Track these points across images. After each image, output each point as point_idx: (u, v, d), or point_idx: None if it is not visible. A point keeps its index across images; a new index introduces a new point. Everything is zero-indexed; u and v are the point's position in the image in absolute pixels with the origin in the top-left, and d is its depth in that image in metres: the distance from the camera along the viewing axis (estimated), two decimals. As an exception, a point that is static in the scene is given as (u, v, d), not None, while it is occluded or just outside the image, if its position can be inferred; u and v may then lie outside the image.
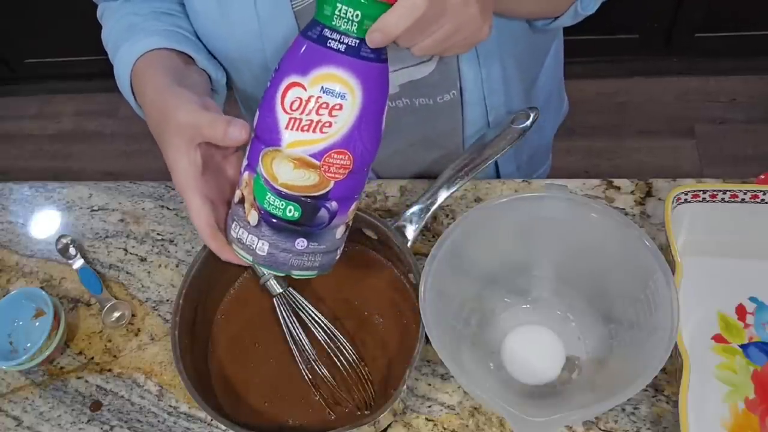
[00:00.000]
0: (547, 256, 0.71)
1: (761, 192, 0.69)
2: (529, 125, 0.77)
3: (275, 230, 0.55)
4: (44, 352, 0.77)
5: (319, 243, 0.57)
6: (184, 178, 0.58)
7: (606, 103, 1.97)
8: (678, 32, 1.84)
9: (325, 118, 0.51)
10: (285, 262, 0.57)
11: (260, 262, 0.57)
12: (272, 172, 0.54)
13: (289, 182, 0.53)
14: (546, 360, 0.69)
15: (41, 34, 2.11)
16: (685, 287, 0.64)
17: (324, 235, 0.57)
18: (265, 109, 0.53)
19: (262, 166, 0.54)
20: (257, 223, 0.56)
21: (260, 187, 0.55)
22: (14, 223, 0.94)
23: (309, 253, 0.57)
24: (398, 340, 0.72)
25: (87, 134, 2.25)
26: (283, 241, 0.56)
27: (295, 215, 0.55)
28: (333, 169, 0.53)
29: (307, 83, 0.51)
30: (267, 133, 0.53)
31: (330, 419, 0.69)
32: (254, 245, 0.56)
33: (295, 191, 0.54)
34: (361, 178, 0.57)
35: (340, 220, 0.57)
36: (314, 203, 0.54)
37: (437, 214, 0.82)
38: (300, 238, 0.56)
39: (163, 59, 0.68)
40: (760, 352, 0.69)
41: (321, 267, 0.60)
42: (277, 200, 0.54)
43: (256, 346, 0.74)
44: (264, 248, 0.56)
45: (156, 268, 0.86)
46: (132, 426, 0.75)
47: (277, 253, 0.56)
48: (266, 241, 0.56)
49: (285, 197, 0.54)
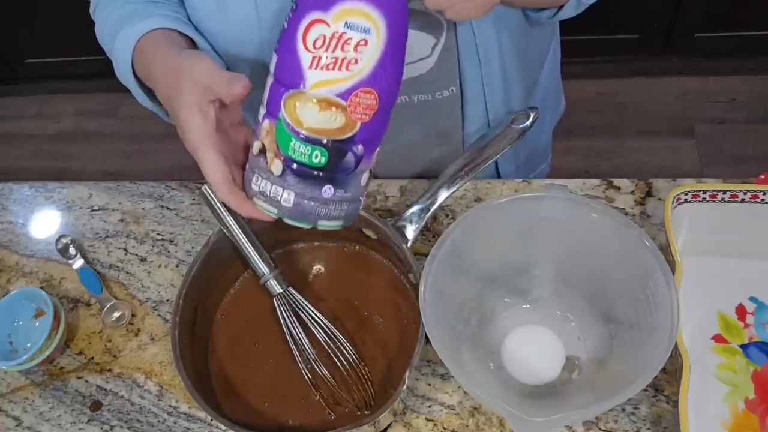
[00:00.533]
0: (547, 256, 0.71)
1: (761, 192, 0.69)
2: (529, 125, 0.77)
3: (301, 178, 0.53)
4: (44, 352, 0.77)
5: (346, 190, 0.55)
6: (198, 135, 0.57)
7: (606, 103, 1.98)
8: (678, 32, 1.84)
9: (351, 55, 0.49)
10: (312, 212, 0.55)
11: (286, 214, 0.55)
12: (296, 116, 0.51)
13: (314, 125, 0.51)
14: (546, 360, 0.69)
15: (41, 34, 2.11)
16: (685, 287, 0.64)
17: (350, 181, 0.55)
18: (284, 50, 0.51)
19: (285, 111, 0.52)
20: (281, 172, 0.53)
21: (284, 134, 0.52)
22: (14, 223, 0.94)
23: (336, 201, 0.55)
24: (398, 340, 0.72)
25: (87, 134, 2.25)
26: (309, 190, 0.54)
27: (321, 161, 0.52)
28: (360, 110, 0.51)
29: (330, 19, 0.49)
30: (288, 75, 0.51)
31: (330, 419, 0.69)
32: (279, 196, 0.54)
33: (322, 135, 0.52)
34: (385, 120, 0.55)
35: (366, 165, 0.56)
36: (341, 147, 0.52)
37: (437, 214, 0.82)
38: (327, 185, 0.54)
39: (168, 36, 0.67)
40: (760, 352, 0.69)
41: (347, 217, 0.57)
42: (302, 146, 0.52)
43: (256, 346, 0.74)
44: (290, 199, 0.54)
45: (156, 268, 0.86)
46: (132, 426, 0.75)
47: (303, 202, 0.54)
48: (292, 191, 0.54)
49: (311, 142, 0.52)
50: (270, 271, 0.70)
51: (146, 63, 0.66)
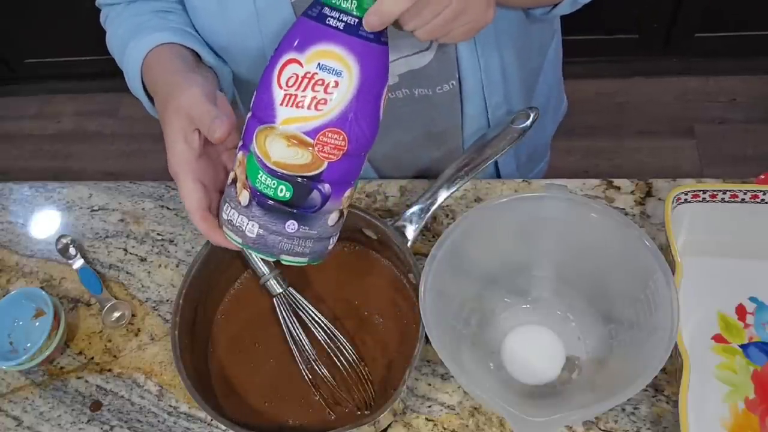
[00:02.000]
0: (547, 256, 0.71)
1: (761, 192, 0.69)
2: (529, 125, 0.77)
3: (266, 211, 0.55)
4: (44, 352, 0.77)
5: (311, 227, 0.56)
6: (178, 160, 0.59)
7: (606, 103, 1.97)
8: (677, 32, 1.84)
9: (321, 95, 0.51)
10: (275, 245, 0.56)
11: (249, 244, 0.56)
12: (265, 150, 0.53)
13: (281, 160, 0.53)
14: (546, 360, 0.69)
15: (41, 34, 2.11)
16: (685, 287, 0.64)
17: (316, 220, 0.56)
18: (261, 87, 0.53)
19: (256, 144, 0.53)
20: (248, 203, 0.55)
21: (253, 166, 0.54)
22: (14, 223, 0.94)
23: (300, 237, 0.56)
24: (398, 340, 0.72)
25: (87, 134, 2.25)
26: (273, 223, 0.55)
27: (286, 195, 0.54)
28: (327, 149, 0.52)
29: (304, 60, 0.51)
30: (262, 111, 0.53)
31: (330, 419, 0.69)
32: (244, 226, 0.55)
33: (288, 170, 0.53)
34: (357, 163, 0.56)
35: (333, 205, 0.56)
36: (307, 184, 0.54)
37: (437, 214, 0.82)
38: (291, 221, 0.55)
39: (175, 51, 0.68)
40: (760, 352, 0.69)
41: (312, 254, 0.58)
42: (269, 179, 0.53)
43: (256, 346, 0.75)
44: (254, 230, 0.55)
45: (156, 268, 0.86)
46: (132, 426, 0.75)
47: (266, 235, 0.55)
48: (256, 222, 0.55)
49: (277, 176, 0.53)
50: (270, 271, 0.71)
51: (153, 77, 0.67)
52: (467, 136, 0.84)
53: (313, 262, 0.59)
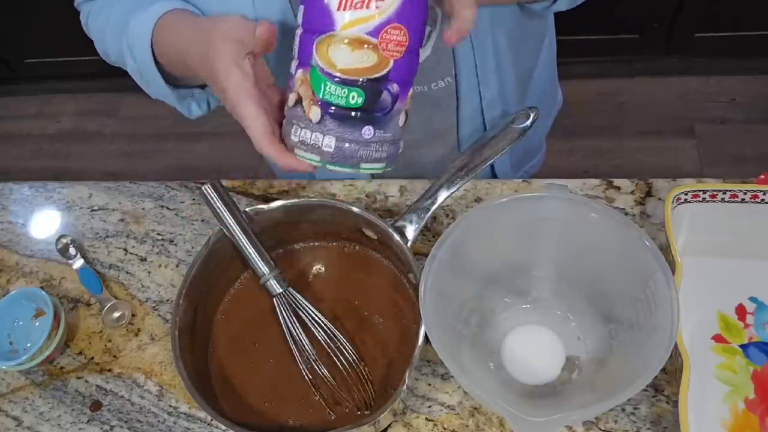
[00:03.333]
0: (547, 256, 0.70)
1: (761, 192, 0.69)
2: (529, 125, 0.77)
3: (339, 121, 0.54)
4: (44, 352, 0.77)
5: (385, 130, 0.56)
6: (237, 89, 0.57)
7: (606, 103, 1.97)
8: (678, 32, 1.84)
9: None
10: (353, 155, 0.55)
11: (328, 159, 0.56)
12: (329, 59, 0.52)
13: (348, 66, 0.52)
14: (546, 360, 0.69)
15: (41, 34, 2.11)
16: (685, 287, 0.64)
17: (388, 122, 0.56)
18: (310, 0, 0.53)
19: (318, 56, 0.53)
20: (320, 118, 0.54)
21: (318, 79, 0.53)
22: (14, 223, 0.94)
23: (376, 142, 0.56)
24: (398, 340, 0.72)
25: (87, 134, 2.25)
26: (349, 132, 0.54)
27: (358, 101, 0.53)
28: (391, 47, 0.52)
29: None
30: (317, 21, 0.52)
31: (330, 419, 0.69)
32: (320, 142, 0.55)
33: (356, 75, 0.53)
34: (415, 60, 0.56)
35: (402, 105, 0.56)
36: (376, 86, 0.53)
37: (437, 214, 0.82)
38: (366, 126, 0.55)
39: (186, 12, 0.67)
40: (760, 352, 0.69)
41: (388, 158, 0.58)
42: (338, 88, 0.53)
43: (256, 346, 0.74)
44: (331, 143, 0.55)
45: (156, 268, 0.86)
46: (132, 426, 0.75)
47: (344, 146, 0.55)
48: (332, 136, 0.54)
49: (346, 83, 0.53)
50: (270, 271, 0.71)
51: (169, 40, 0.66)
52: (463, 137, 0.84)
53: (388, 168, 0.59)
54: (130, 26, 0.68)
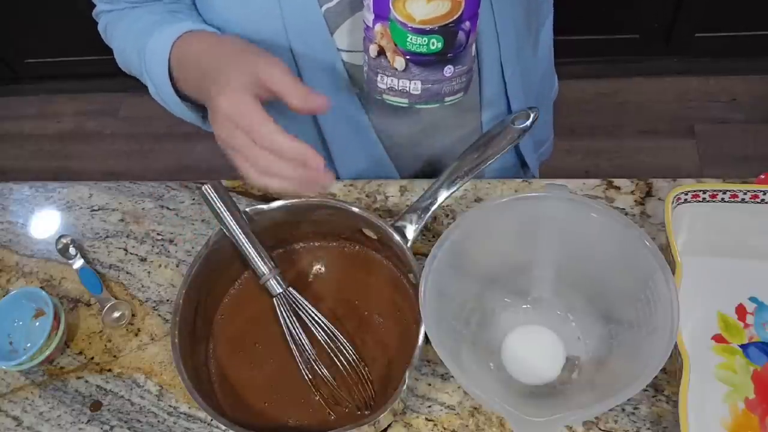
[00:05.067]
0: (547, 256, 0.70)
1: (761, 192, 0.69)
2: (529, 125, 0.77)
3: (423, 67, 0.59)
4: (44, 352, 0.77)
5: (463, 64, 0.61)
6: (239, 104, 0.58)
7: (606, 103, 1.98)
8: (678, 32, 1.84)
9: None
10: (439, 92, 0.61)
11: (416, 100, 0.61)
12: (407, 13, 0.56)
13: (426, 17, 0.56)
14: (546, 360, 0.69)
15: (41, 34, 2.11)
16: (685, 287, 0.64)
17: (465, 56, 0.60)
18: None
19: (396, 11, 0.56)
20: (405, 66, 0.59)
21: (399, 32, 0.57)
22: (14, 223, 0.94)
23: (456, 76, 0.61)
24: (398, 340, 0.72)
25: (87, 134, 2.25)
26: (433, 74, 0.59)
27: (438, 46, 0.58)
28: None
29: None
30: None
31: (330, 419, 0.69)
32: (407, 88, 0.60)
33: (434, 23, 0.56)
34: None
35: (474, 37, 0.60)
36: (453, 28, 0.57)
37: (437, 214, 0.82)
38: (447, 66, 0.60)
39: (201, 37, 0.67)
40: (760, 352, 0.69)
41: (467, 86, 0.64)
42: (418, 38, 0.57)
43: (256, 346, 0.74)
44: (418, 87, 0.60)
45: (156, 268, 0.86)
46: (132, 426, 0.75)
47: (430, 86, 0.60)
48: (418, 80, 0.59)
49: (425, 33, 0.57)
50: (270, 271, 0.71)
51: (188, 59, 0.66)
52: (486, 120, 0.84)
53: (467, 92, 0.64)
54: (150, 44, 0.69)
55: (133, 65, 0.74)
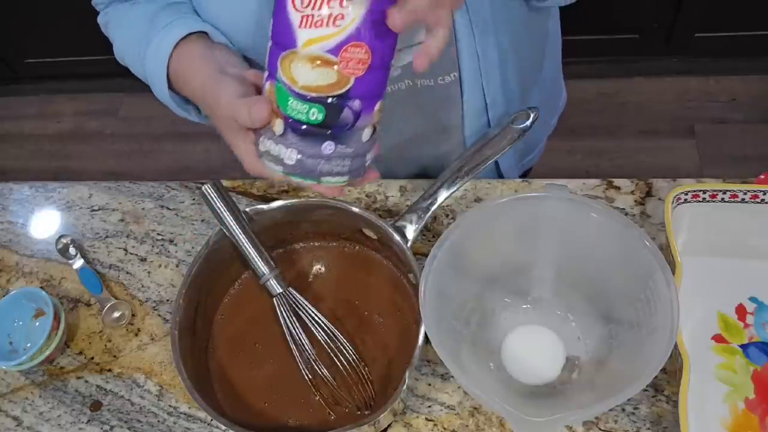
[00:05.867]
0: (547, 256, 0.70)
1: (761, 192, 0.69)
2: (529, 125, 0.77)
3: (301, 136, 0.55)
4: (44, 352, 0.77)
5: (347, 146, 0.56)
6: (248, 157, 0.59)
7: (606, 103, 1.97)
8: (678, 32, 1.84)
9: (337, 11, 0.50)
10: (314, 169, 0.56)
11: (290, 171, 0.57)
12: (291, 75, 0.53)
13: (308, 83, 0.53)
14: (546, 360, 0.69)
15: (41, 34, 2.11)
16: (685, 287, 0.64)
17: (350, 137, 0.56)
18: (277, 13, 0.53)
19: (281, 71, 0.53)
20: (283, 131, 0.55)
21: (282, 93, 0.54)
22: (14, 223, 0.94)
23: (337, 157, 0.56)
24: (398, 340, 0.72)
25: (87, 134, 2.25)
26: (310, 147, 0.55)
27: (318, 117, 0.54)
28: (351, 65, 0.52)
29: None
30: (281, 36, 0.53)
31: (330, 419, 0.69)
32: (283, 155, 0.56)
33: (316, 92, 0.53)
34: (383, 75, 0.56)
35: (365, 120, 0.56)
36: (337, 103, 0.53)
37: (437, 214, 0.82)
38: (327, 142, 0.55)
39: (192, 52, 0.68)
40: (760, 352, 0.69)
41: (351, 172, 0.58)
42: (299, 104, 0.53)
43: (256, 346, 0.74)
44: (292, 156, 0.56)
45: (156, 268, 0.86)
46: (132, 426, 0.75)
47: (305, 159, 0.56)
48: (294, 149, 0.55)
49: (307, 100, 0.53)
50: (270, 271, 0.71)
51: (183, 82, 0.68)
52: (468, 134, 0.84)
53: (353, 181, 0.59)
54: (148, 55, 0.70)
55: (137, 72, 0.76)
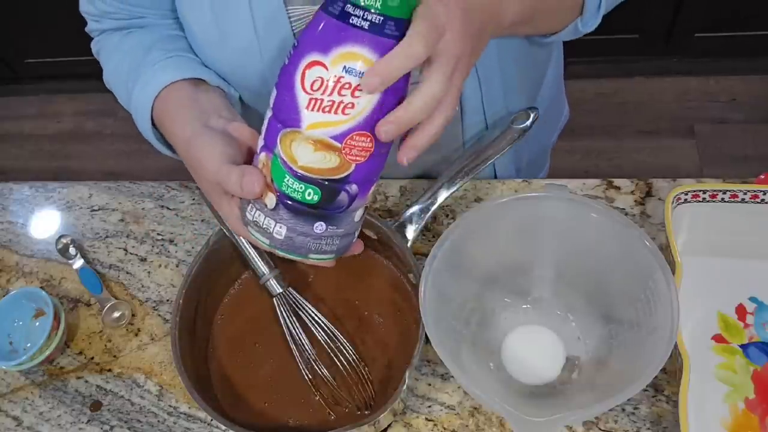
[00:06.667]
0: (547, 256, 0.70)
1: (761, 192, 0.69)
2: (529, 125, 0.77)
3: (293, 213, 0.54)
4: (44, 352, 0.77)
5: (338, 226, 0.56)
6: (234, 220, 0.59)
7: (606, 103, 1.97)
8: (678, 32, 1.84)
9: (348, 99, 0.49)
10: (302, 246, 0.55)
11: (277, 246, 0.56)
12: (291, 154, 0.52)
13: (309, 165, 0.52)
14: (546, 360, 0.69)
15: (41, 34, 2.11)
16: (685, 287, 0.64)
17: (343, 219, 0.56)
18: (283, 88, 0.51)
19: (281, 148, 0.52)
20: (275, 206, 0.54)
21: (278, 169, 0.53)
22: (14, 223, 0.94)
23: (327, 236, 0.56)
24: (398, 340, 0.72)
25: (87, 134, 2.25)
26: (301, 225, 0.54)
27: (314, 199, 0.53)
28: (354, 152, 0.51)
29: (328, 62, 0.49)
30: (286, 114, 0.52)
31: (330, 419, 0.69)
32: (271, 228, 0.55)
33: (315, 174, 0.52)
34: (382, 161, 0.55)
35: (360, 203, 0.56)
36: (334, 186, 0.53)
37: (437, 214, 0.82)
38: (319, 222, 0.55)
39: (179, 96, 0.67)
40: (760, 352, 0.69)
41: (338, 251, 0.58)
42: (296, 183, 0.52)
43: (256, 346, 0.74)
44: (281, 232, 0.55)
45: (156, 268, 0.86)
46: (132, 426, 0.75)
47: (294, 236, 0.55)
48: (284, 225, 0.54)
49: (304, 180, 0.52)
50: (270, 271, 0.71)
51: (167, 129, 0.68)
52: (467, 139, 0.84)
53: (338, 257, 0.59)
54: (133, 98, 0.71)
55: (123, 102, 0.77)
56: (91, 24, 0.79)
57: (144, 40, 0.74)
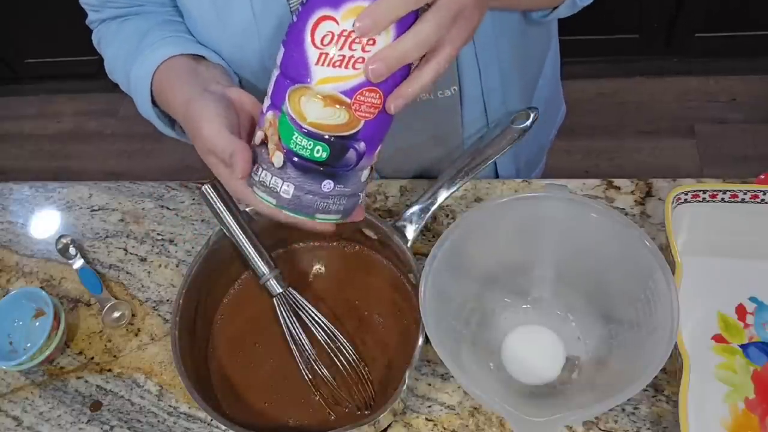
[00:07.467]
0: (547, 256, 0.71)
1: (761, 192, 0.69)
2: (529, 125, 0.77)
3: (301, 172, 0.53)
4: (44, 352, 0.77)
5: (345, 185, 0.55)
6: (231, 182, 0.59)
7: (606, 103, 1.98)
8: (678, 32, 1.85)
9: (358, 54, 0.49)
10: (310, 205, 0.55)
11: (284, 205, 0.55)
12: (300, 111, 0.51)
13: (318, 121, 0.51)
14: (546, 360, 0.69)
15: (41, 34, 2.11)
16: (685, 287, 0.64)
17: (350, 177, 0.55)
18: (292, 44, 0.51)
19: (289, 104, 0.52)
20: (282, 164, 0.54)
21: (286, 127, 0.52)
22: (14, 223, 0.94)
23: (335, 195, 0.55)
24: (398, 340, 0.72)
25: (87, 134, 2.26)
26: (309, 183, 0.54)
27: (323, 156, 0.52)
28: (364, 108, 0.51)
29: (339, 17, 0.48)
30: (294, 70, 0.51)
31: (330, 419, 0.69)
32: (278, 188, 0.54)
33: (324, 130, 0.52)
34: (390, 120, 0.55)
35: (367, 161, 0.55)
36: (343, 143, 0.52)
37: (437, 214, 0.82)
38: (327, 180, 0.54)
39: (178, 67, 0.67)
40: (760, 352, 0.69)
41: (345, 211, 0.57)
42: (304, 140, 0.52)
43: (256, 346, 0.74)
44: (289, 191, 0.54)
45: (156, 268, 0.86)
46: (132, 426, 0.75)
47: (302, 195, 0.54)
48: (291, 183, 0.54)
49: (313, 137, 0.52)
50: (270, 271, 0.71)
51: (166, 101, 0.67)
52: (467, 136, 0.84)
53: (344, 219, 0.58)
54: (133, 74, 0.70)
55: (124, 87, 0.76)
56: (91, 15, 0.79)
57: (141, 25, 0.74)
